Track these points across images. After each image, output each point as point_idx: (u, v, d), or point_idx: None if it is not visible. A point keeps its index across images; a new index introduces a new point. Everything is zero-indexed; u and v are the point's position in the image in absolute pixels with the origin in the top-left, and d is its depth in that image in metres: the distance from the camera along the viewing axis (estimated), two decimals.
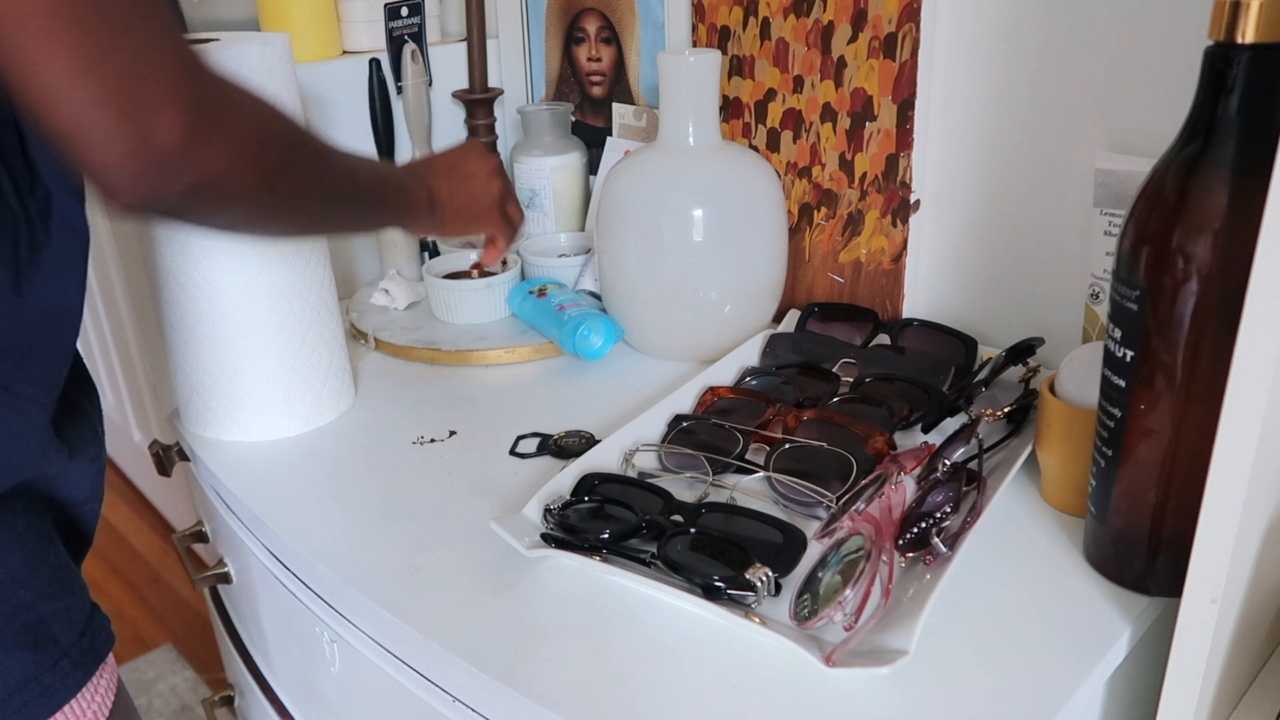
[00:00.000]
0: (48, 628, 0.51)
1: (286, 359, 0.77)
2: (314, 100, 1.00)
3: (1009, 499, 0.65)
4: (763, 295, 0.87)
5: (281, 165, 0.49)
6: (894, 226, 0.85)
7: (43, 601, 0.52)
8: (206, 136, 0.42)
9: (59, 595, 0.53)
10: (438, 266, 1.00)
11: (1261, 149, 0.45)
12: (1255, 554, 0.46)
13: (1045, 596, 0.57)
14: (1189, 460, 0.51)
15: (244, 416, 0.77)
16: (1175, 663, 0.45)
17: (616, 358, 0.90)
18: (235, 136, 0.44)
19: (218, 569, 0.84)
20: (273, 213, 0.52)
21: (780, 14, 0.86)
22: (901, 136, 0.82)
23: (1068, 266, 0.78)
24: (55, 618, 0.52)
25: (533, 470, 0.72)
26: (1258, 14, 0.44)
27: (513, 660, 0.54)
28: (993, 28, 0.76)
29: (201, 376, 0.76)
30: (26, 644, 0.51)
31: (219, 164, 0.43)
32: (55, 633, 0.52)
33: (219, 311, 0.73)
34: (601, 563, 0.59)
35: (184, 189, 0.42)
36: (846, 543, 0.57)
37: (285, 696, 0.82)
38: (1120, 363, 0.52)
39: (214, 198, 0.45)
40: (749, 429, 0.71)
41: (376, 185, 0.65)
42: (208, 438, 0.79)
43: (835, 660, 0.50)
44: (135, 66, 0.39)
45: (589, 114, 1.10)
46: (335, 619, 0.65)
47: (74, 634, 0.53)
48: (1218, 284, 0.47)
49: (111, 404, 2.01)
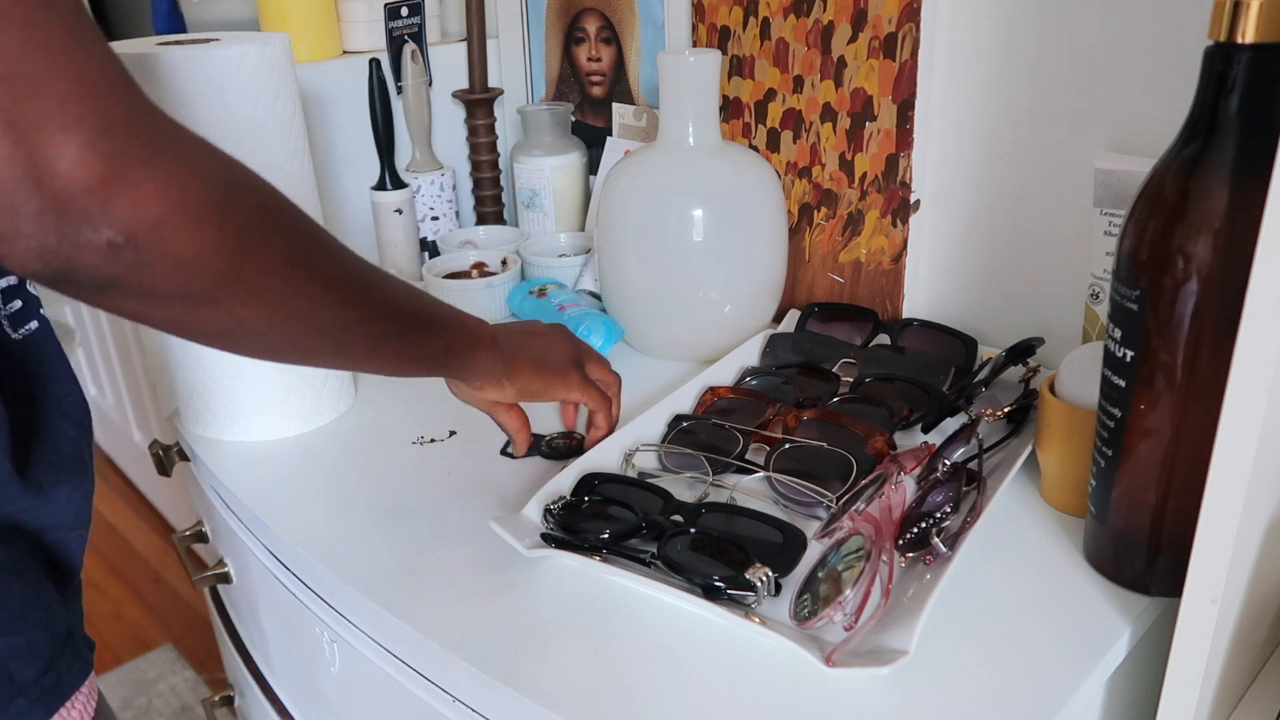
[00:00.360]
0: (3, 666, 0.48)
1: None
2: (314, 100, 1.00)
3: (1009, 499, 0.65)
4: (763, 295, 0.87)
5: (257, 231, 0.39)
6: (894, 226, 0.85)
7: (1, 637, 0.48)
8: (126, 174, 0.33)
9: (18, 630, 0.49)
10: (438, 266, 1.00)
11: (1261, 149, 0.45)
12: (1255, 554, 0.46)
13: (1045, 596, 0.57)
14: (1189, 460, 0.51)
15: (244, 416, 0.77)
16: (1175, 663, 0.45)
17: (616, 358, 0.90)
18: (172, 180, 0.35)
19: (218, 569, 0.84)
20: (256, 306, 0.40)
21: (780, 14, 0.86)
22: (901, 136, 0.82)
23: (1068, 266, 0.78)
24: (13, 655, 0.48)
25: (533, 470, 0.72)
26: (1258, 14, 0.44)
27: (513, 660, 0.54)
28: (993, 28, 0.76)
29: (201, 376, 0.76)
30: None
31: (148, 212, 0.34)
32: (11, 671, 0.48)
33: None
34: (601, 563, 0.59)
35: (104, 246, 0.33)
36: (846, 543, 0.57)
37: (285, 696, 0.82)
38: (1120, 363, 0.52)
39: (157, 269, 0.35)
40: (749, 429, 0.71)
41: (416, 300, 0.53)
42: (208, 438, 0.79)
43: (835, 660, 0.50)
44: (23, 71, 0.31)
45: (589, 114, 1.10)
46: (335, 619, 0.65)
47: (35, 671, 0.49)
48: (1218, 284, 0.47)
49: (111, 404, 2.01)
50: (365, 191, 1.06)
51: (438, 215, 1.09)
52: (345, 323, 0.46)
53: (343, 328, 0.46)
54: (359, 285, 0.47)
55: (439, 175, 1.08)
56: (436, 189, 1.08)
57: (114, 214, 0.33)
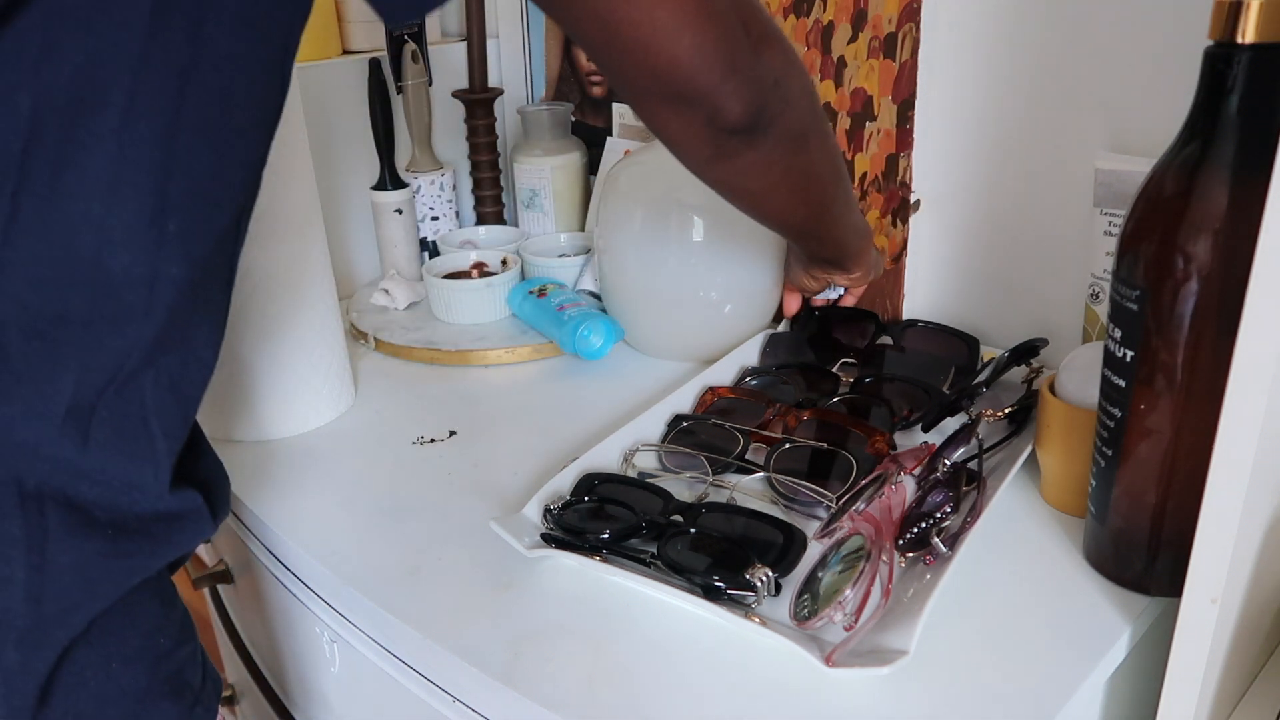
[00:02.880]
0: (183, 675, 0.51)
1: (286, 359, 0.77)
2: (314, 100, 1.00)
3: (1009, 499, 0.65)
4: (763, 295, 0.87)
5: (808, 95, 0.55)
6: (894, 226, 0.85)
7: (178, 648, 0.51)
8: (767, 42, 0.50)
9: (188, 640, 0.52)
10: (438, 266, 1.00)
11: (1261, 149, 0.45)
12: (1255, 554, 0.46)
13: (1045, 597, 0.57)
14: (1189, 460, 0.51)
15: (244, 416, 0.77)
16: (1175, 663, 0.45)
17: (616, 358, 0.90)
18: (782, 48, 0.52)
19: (217, 569, 0.84)
20: (811, 151, 0.57)
21: (780, 14, 0.86)
22: (901, 136, 0.81)
23: (1068, 266, 0.78)
24: (187, 662, 0.51)
25: (533, 470, 0.72)
26: (1258, 14, 0.44)
27: (513, 660, 0.54)
28: (993, 28, 0.76)
29: None
30: (169, 694, 0.50)
31: (780, 63, 0.51)
32: (188, 679, 0.51)
33: None
34: (601, 563, 0.59)
35: (770, 82, 0.50)
36: (846, 543, 0.57)
37: (285, 696, 0.82)
38: (1120, 363, 0.52)
39: (777, 108, 0.51)
40: (749, 429, 0.71)
41: (847, 176, 0.66)
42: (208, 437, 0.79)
43: (835, 660, 0.50)
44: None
45: (589, 114, 1.10)
46: (335, 619, 0.65)
47: (200, 677, 0.53)
48: (1218, 284, 0.47)
49: None
50: (365, 191, 1.06)
51: (438, 215, 1.09)
52: (836, 201, 0.65)
53: (834, 201, 0.65)
54: (842, 170, 0.64)
55: (439, 175, 1.08)
56: (436, 189, 1.08)
57: (768, 62, 0.50)
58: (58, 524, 0.43)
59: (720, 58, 0.47)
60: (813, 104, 0.56)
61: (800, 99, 0.53)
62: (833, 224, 0.67)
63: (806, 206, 0.62)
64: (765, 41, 0.50)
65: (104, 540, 0.45)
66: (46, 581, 0.43)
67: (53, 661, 0.44)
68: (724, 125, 0.50)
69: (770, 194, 0.59)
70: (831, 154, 0.60)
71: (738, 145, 0.52)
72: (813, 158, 0.58)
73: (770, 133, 0.52)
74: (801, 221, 0.66)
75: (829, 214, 0.65)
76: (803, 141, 0.56)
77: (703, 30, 0.46)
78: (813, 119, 0.56)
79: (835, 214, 0.66)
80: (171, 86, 0.40)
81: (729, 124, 0.50)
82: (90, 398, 0.43)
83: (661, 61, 0.46)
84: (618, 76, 0.49)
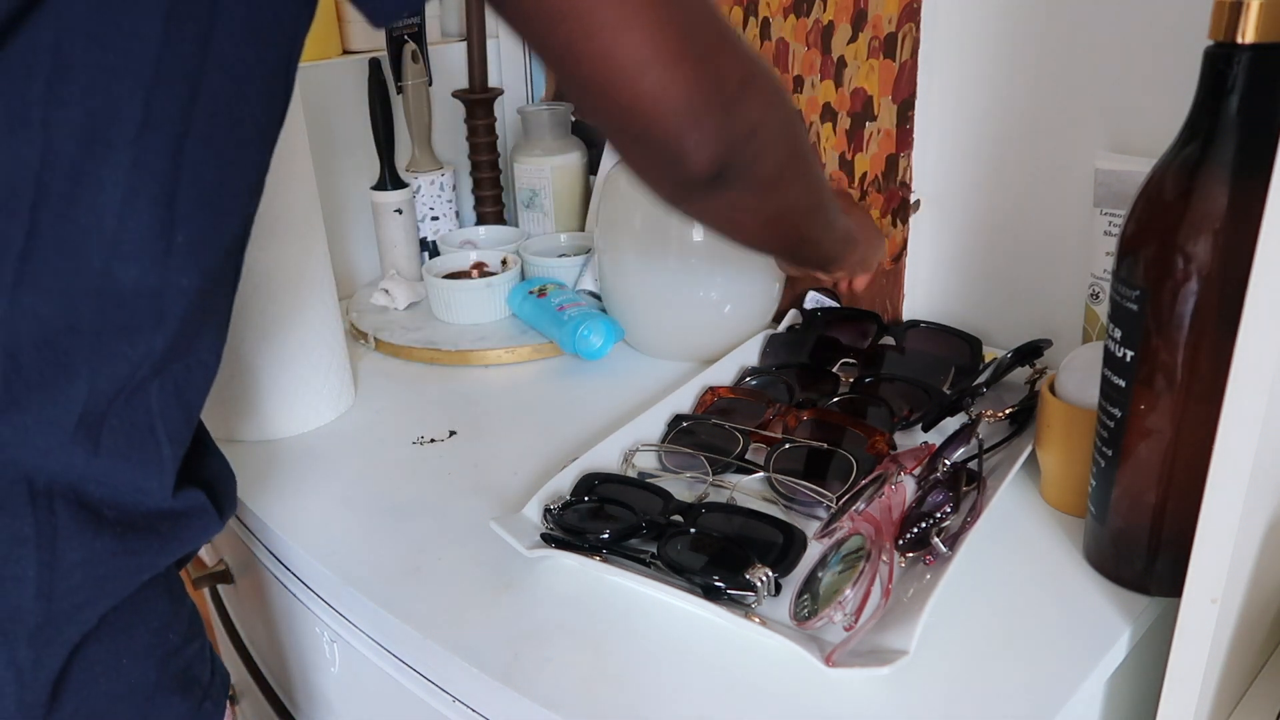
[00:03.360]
0: (191, 670, 0.51)
1: (286, 359, 0.77)
2: (314, 100, 1.00)
3: (1009, 499, 0.65)
4: (763, 295, 0.87)
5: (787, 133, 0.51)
6: (894, 226, 0.85)
7: (187, 644, 0.51)
8: (749, 90, 0.46)
9: (196, 635, 0.52)
10: (438, 266, 1.00)
11: (1261, 149, 0.45)
12: (1255, 554, 0.46)
13: (1045, 597, 0.57)
14: (1189, 460, 0.51)
15: (244, 416, 0.77)
16: (1175, 663, 0.45)
17: (616, 358, 0.90)
18: (763, 94, 0.47)
19: (218, 569, 0.84)
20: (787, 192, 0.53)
21: (780, 14, 0.86)
22: (901, 136, 0.82)
23: (1068, 266, 0.78)
24: (195, 658, 0.52)
25: (533, 470, 0.72)
26: (1258, 14, 0.44)
27: (513, 660, 0.54)
28: (993, 28, 0.76)
29: None
30: (179, 689, 0.50)
31: (757, 113, 0.47)
32: (197, 673, 0.51)
33: None
34: (601, 563, 0.59)
35: (743, 134, 0.46)
36: (846, 543, 0.57)
37: (285, 697, 0.82)
38: (1120, 363, 0.52)
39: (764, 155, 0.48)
40: (749, 429, 0.71)
41: (830, 197, 0.61)
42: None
43: (835, 660, 0.50)
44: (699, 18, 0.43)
45: None
46: (335, 619, 0.65)
47: (209, 672, 0.53)
48: (1218, 284, 0.47)
49: None
50: (365, 191, 1.06)
51: (438, 215, 1.09)
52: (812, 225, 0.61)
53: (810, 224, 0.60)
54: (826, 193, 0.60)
55: (439, 175, 1.08)
56: (436, 189, 1.08)
57: (744, 113, 0.45)
58: (67, 522, 0.43)
59: (686, 106, 0.43)
60: (792, 142, 0.51)
61: (777, 143, 0.49)
62: (813, 247, 0.64)
63: (780, 240, 0.59)
64: (746, 87, 0.45)
65: (113, 538, 0.45)
66: (57, 579, 0.43)
67: (64, 658, 0.44)
68: (683, 176, 0.46)
69: (738, 232, 0.55)
70: (810, 186, 0.56)
71: (701, 193, 0.48)
72: (786, 198, 0.54)
73: (737, 184, 0.48)
74: (777, 249, 0.63)
75: (806, 241, 0.62)
76: (774, 185, 0.52)
77: (668, 74, 0.42)
78: (790, 158, 0.51)
79: (814, 238, 0.62)
80: (183, 96, 0.40)
81: (689, 175, 0.46)
82: (101, 406, 0.43)
83: (622, 102, 0.43)
84: (579, 106, 0.46)
